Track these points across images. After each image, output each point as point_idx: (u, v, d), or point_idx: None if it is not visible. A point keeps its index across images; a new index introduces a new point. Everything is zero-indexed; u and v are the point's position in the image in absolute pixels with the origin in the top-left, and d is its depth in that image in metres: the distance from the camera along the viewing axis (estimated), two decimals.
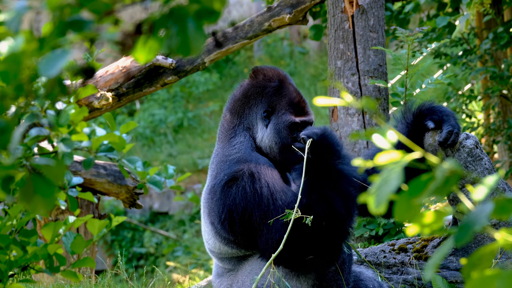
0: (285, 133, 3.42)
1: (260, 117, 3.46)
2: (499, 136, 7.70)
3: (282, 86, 3.47)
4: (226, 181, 3.26)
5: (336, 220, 3.11)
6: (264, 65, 3.60)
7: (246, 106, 3.49)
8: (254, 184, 3.21)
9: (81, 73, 1.55)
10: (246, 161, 3.30)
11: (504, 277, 1.36)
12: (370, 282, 3.58)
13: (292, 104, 3.44)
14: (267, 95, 3.46)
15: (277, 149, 3.43)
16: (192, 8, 1.43)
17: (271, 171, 3.27)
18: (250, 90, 3.49)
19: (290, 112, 3.43)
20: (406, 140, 1.56)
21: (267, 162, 3.33)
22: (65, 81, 1.60)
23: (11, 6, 1.66)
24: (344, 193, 3.12)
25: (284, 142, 3.41)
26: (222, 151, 3.45)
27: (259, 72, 3.53)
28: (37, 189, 1.64)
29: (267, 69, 3.53)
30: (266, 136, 3.44)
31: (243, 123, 3.48)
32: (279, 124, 3.43)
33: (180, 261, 11.44)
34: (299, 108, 3.45)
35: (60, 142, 1.90)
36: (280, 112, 3.44)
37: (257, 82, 3.50)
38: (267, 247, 3.21)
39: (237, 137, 3.45)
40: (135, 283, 4.72)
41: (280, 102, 3.44)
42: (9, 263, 2.28)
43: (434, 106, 3.53)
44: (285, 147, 3.42)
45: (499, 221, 3.51)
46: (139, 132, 14.60)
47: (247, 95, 3.49)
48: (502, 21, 7.36)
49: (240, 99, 3.50)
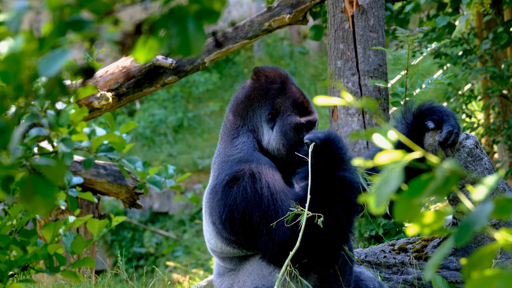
0: (291, 135, 3.42)
1: (264, 119, 3.46)
2: (499, 136, 7.70)
3: (284, 87, 3.47)
4: (227, 181, 3.26)
5: (336, 227, 3.11)
6: (265, 65, 3.59)
7: (249, 108, 3.48)
8: (254, 184, 3.21)
9: (81, 73, 1.55)
10: (247, 161, 3.30)
11: (504, 277, 1.36)
12: (370, 282, 3.58)
13: (296, 105, 3.44)
14: (271, 98, 3.46)
15: (284, 151, 3.43)
16: (192, 8, 1.43)
17: (272, 172, 3.27)
18: (253, 93, 3.49)
19: (294, 113, 3.43)
20: (406, 140, 1.56)
21: (269, 162, 3.33)
22: (65, 81, 1.59)
23: (11, 6, 1.66)
24: (345, 200, 3.12)
25: (291, 143, 3.42)
26: (224, 151, 3.46)
27: (260, 73, 3.52)
28: (37, 189, 1.64)
29: (269, 70, 3.53)
30: (272, 138, 3.44)
31: (247, 125, 3.47)
32: (285, 126, 3.42)
33: (180, 261, 11.44)
34: (303, 108, 3.45)
35: (60, 142, 1.90)
36: (285, 114, 3.43)
37: (260, 84, 3.49)
38: (267, 248, 3.21)
39: (240, 137, 3.45)
40: (135, 283, 4.72)
41: (284, 104, 3.44)
42: (9, 263, 2.28)
43: (434, 106, 3.53)
44: (293, 148, 3.42)
45: (499, 221, 3.51)
46: (139, 132, 14.60)
47: (250, 98, 3.49)
48: (502, 21, 7.36)
49: (243, 101, 3.50)
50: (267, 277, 3.33)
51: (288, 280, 3.29)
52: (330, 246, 3.15)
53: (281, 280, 3.01)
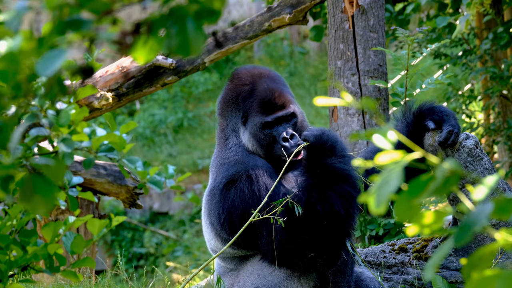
0: (261, 135, 3.40)
1: (240, 121, 3.47)
2: (499, 136, 7.70)
3: (254, 88, 3.45)
4: (224, 183, 3.28)
5: (336, 220, 3.11)
6: (243, 66, 3.59)
7: (227, 110, 3.51)
8: (252, 186, 3.22)
9: (79, 73, 1.55)
10: (243, 163, 3.32)
11: (504, 277, 1.36)
12: (371, 282, 3.58)
13: (262, 104, 3.41)
14: (242, 101, 3.46)
15: (262, 151, 3.42)
16: (191, 8, 1.43)
17: (268, 173, 3.28)
18: (228, 96, 3.50)
19: (261, 113, 3.40)
20: (406, 140, 1.56)
21: (265, 163, 3.34)
22: (65, 81, 1.59)
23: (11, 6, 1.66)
24: (344, 193, 3.12)
25: (263, 143, 3.40)
26: (220, 154, 3.48)
27: (235, 76, 3.53)
28: (36, 188, 1.64)
29: (243, 72, 3.52)
30: (247, 140, 3.44)
31: (229, 126, 3.50)
32: (253, 128, 3.41)
33: (180, 261, 11.44)
34: (271, 106, 3.41)
35: (60, 142, 1.90)
36: (253, 116, 3.42)
37: (233, 86, 3.50)
38: (268, 249, 3.22)
39: (230, 139, 3.47)
40: (135, 283, 4.71)
41: (252, 105, 3.43)
42: (9, 263, 2.28)
43: (434, 106, 3.53)
44: (269, 147, 3.40)
45: (499, 221, 3.51)
46: (139, 132, 14.60)
47: (226, 100, 3.51)
48: (502, 21, 7.36)
49: (222, 103, 3.53)
50: (268, 277, 3.33)
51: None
52: (332, 240, 3.15)
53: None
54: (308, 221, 3.12)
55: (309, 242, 3.14)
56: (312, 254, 3.17)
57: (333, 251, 3.19)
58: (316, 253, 3.17)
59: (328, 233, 3.13)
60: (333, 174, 3.13)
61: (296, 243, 3.15)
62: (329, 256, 3.19)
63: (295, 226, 3.13)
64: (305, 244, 3.15)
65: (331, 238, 3.14)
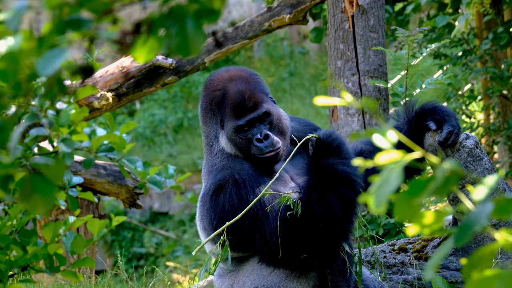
0: (237, 139, 3.39)
1: (219, 127, 3.47)
2: (499, 137, 7.70)
3: (224, 92, 3.42)
4: (213, 190, 3.29)
5: (334, 222, 3.11)
6: (217, 71, 3.55)
7: (207, 117, 3.50)
8: (240, 191, 3.22)
9: (79, 72, 1.55)
10: (229, 168, 3.32)
11: (504, 277, 1.36)
12: (371, 282, 3.58)
13: (233, 108, 3.39)
14: (216, 107, 3.44)
15: (242, 155, 3.41)
16: (191, 7, 1.43)
17: (256, 176, 3.27)
18: (204, 103, 3.50)
19: (234, 117, 3.39)
20: (406, 140, 1.56)
21: (251, 167, 3.33)
22: (65, 81, 1.59)
23: (11, 5, 1.66)
24: (345, 197, 3.11)
25: (240, 146, 3.39)
26: (207, 161, 3.50)
27: (208, 82, 3.51)
28: (36, 188, 1.64)
29: (215, 77, 3.50)
30: (226, 145, 3.44)
31: (211, 132, 3.50)
32: (229, 133, 3.41)
33: (180, 261, 11.44)
34: (242, 108, 3.39)
35: (60, 142, 1.90)
36: (227, 120, 3.41)
37: (207, 93, 3.48)
38: (264, 251, 3.23)
39: (214, 145, 3.48)
40: (135, 283, 4.72)
41: (225, 110, 3.42)
42: (9, 263, 2.28)
43: (437, 106, 3.53)
44: (248, 149, 3.39)
45: (499, 221, 3.51)
46: (139, 132, 14.61)
47: (203, 108, 3.51)
48: (502, 21, 7.36)
49: (201, 111, 3.53)
50: (267, 277, 3.34)
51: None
52: (329, 242, 3.15)
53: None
54: (304, 222, 3.11)
55: (304, 243, 3.14)
56: (305, 255, 3.18)
57: (330, 253, 3.19)
58: (310, 255, 3.18)
59: (324, 236, 3.12)
60: (335, 175, 3.12)
61: (291, 245, 3.15)
62: (325, 257, 3.20)
63: (289, 228, 3.13)
64: (300, 245, 3.15)
65: (326, 240, 3.14)
